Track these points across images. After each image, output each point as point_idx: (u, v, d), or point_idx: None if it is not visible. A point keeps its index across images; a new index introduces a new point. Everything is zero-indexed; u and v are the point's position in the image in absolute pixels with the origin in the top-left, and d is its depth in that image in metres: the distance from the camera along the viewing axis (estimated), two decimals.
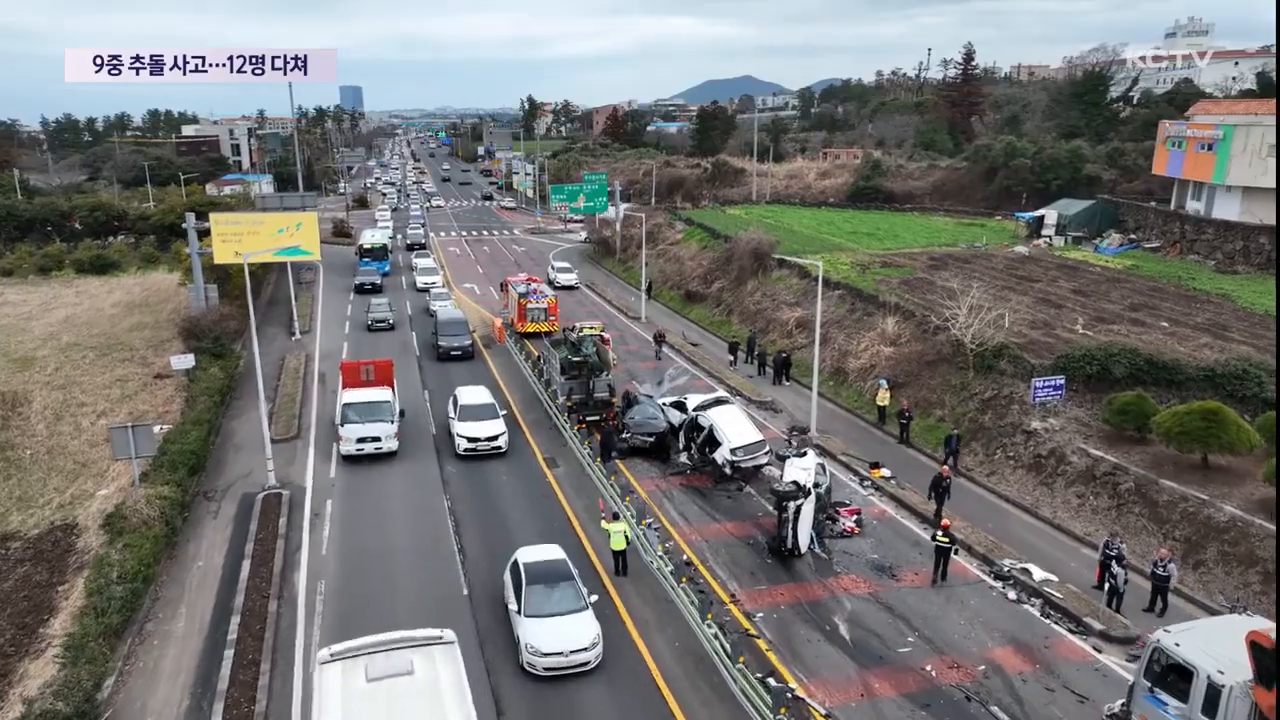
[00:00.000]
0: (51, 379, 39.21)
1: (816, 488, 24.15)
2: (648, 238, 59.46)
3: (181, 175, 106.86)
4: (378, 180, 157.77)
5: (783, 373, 40.06)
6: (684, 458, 30.40)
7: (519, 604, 19.48)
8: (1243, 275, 46.57)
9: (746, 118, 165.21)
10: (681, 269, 60.69)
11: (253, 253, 38.22)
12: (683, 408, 31.19)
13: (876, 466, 29.73)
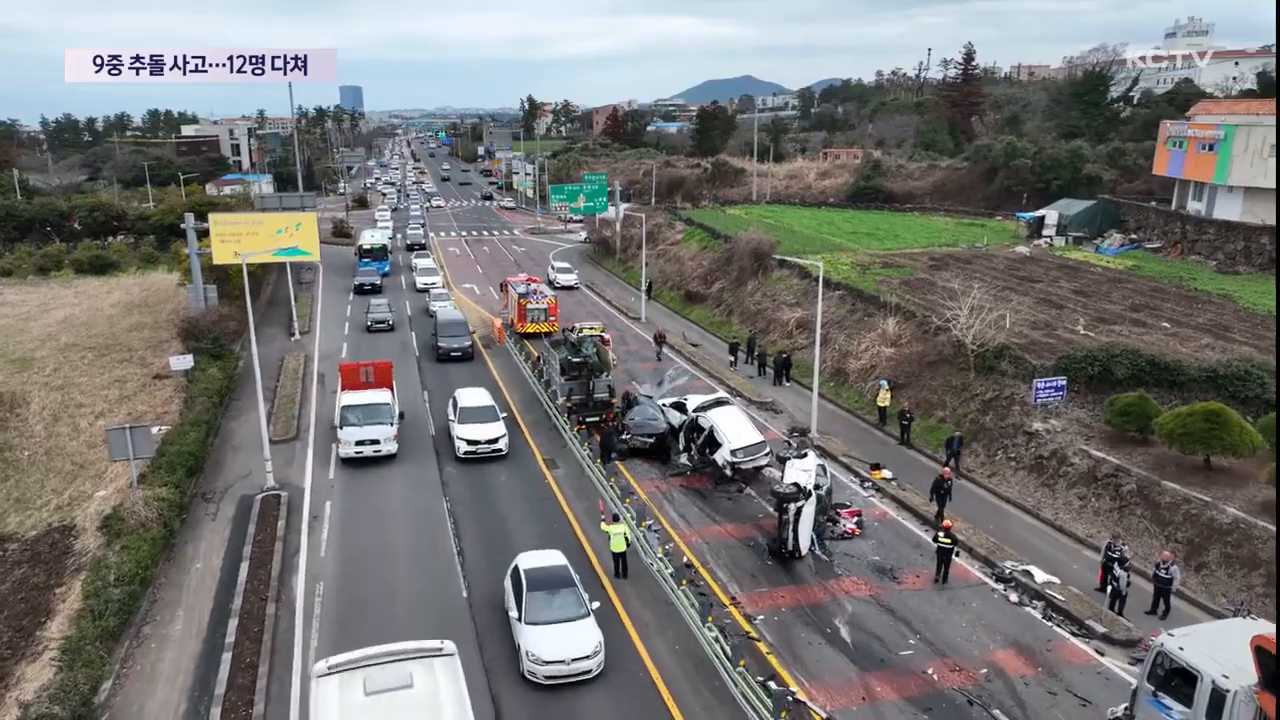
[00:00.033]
0: (50, 380, 39.11)
1: (817, 489, 24.03)
2: (648, 238, 59.36)
3: (181, 175, 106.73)
4: (377, 180, 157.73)
5: (783, 373, 39.95)
6: (684, 459, 30.28)
7: (519, 611, 19.18)
8: (1244, 276, 46.45)
9: (746, 118, 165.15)
10: (682, 269, 60.58)
11: (251, 253, 38.15)
12: (683, 409, 31.06)
13: (877, 468, 29.63)
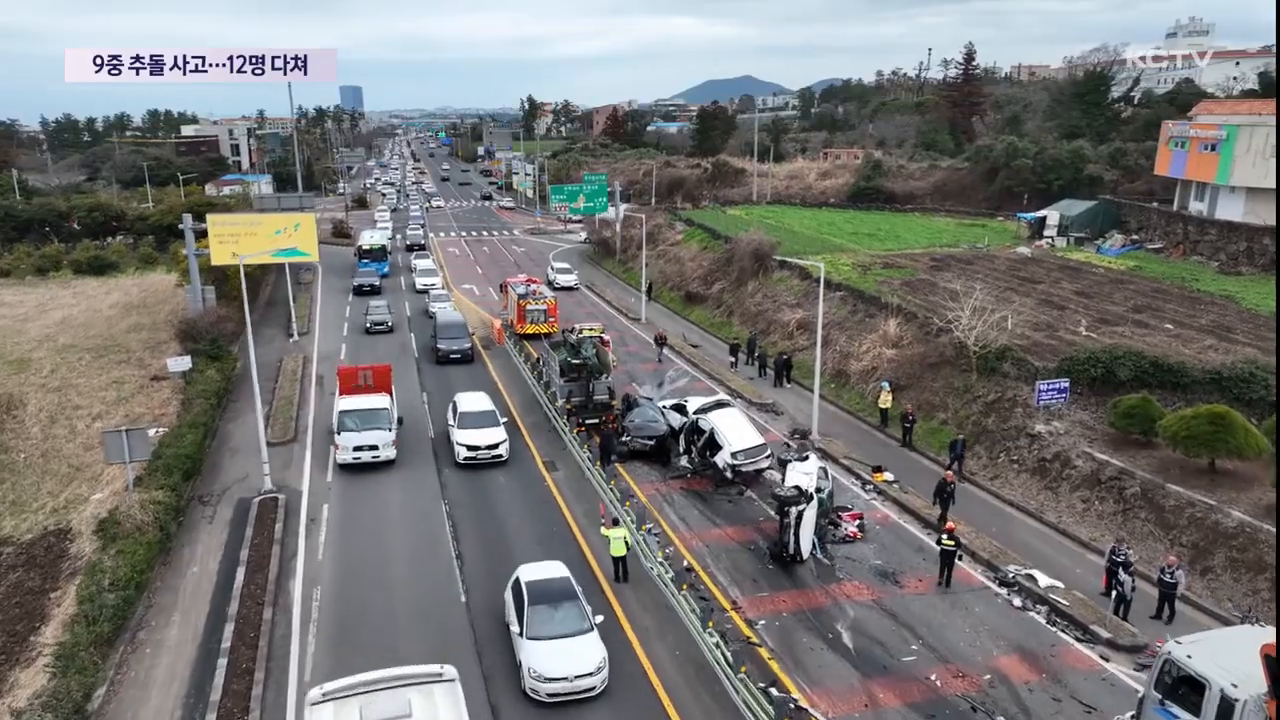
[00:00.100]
0: (47, 381, 38.96)
1: (819, 492, 23.83)
2: (648, 238, 59.15)
3: (180, 175, 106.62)
4: (377, 180, 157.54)
5: (784, 375, 39.75)
6: (684, 461, 30.09)
7: (521, 625, 18.51)
8: (1246, 277, 46.24)
9: (747, 118, 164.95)
10: (682, 270, 60.37)
11: (249, 254, 37.96)
12: (683, 410, 30.86)
13: (879, 470, 29.43)
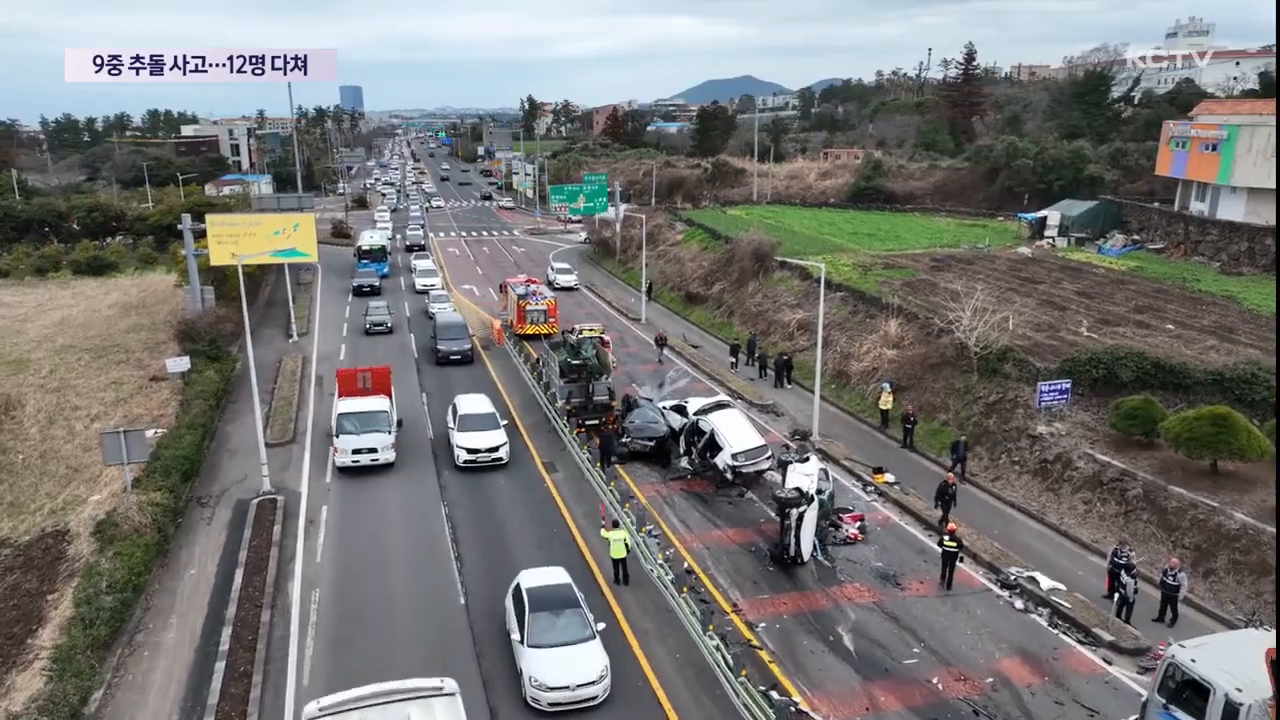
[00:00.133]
0: (45, 382, 38.86)
1: (820, 494, 23.72)
2: (648, 239, 59.05)
3: (180, 175, 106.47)
4: (377, 181, 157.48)
5: (784, 376, 39.64)
6: (685, 463, 29.97)
7: (522, 633, 18.21)
8: (1248, 277, 46.13)
9: (747, 118, 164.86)
10: (682, 270, 60.27)
11: (248, 254, 37.84)
12: (683, 411, 30.76)
13: (880, 471, 29.32)
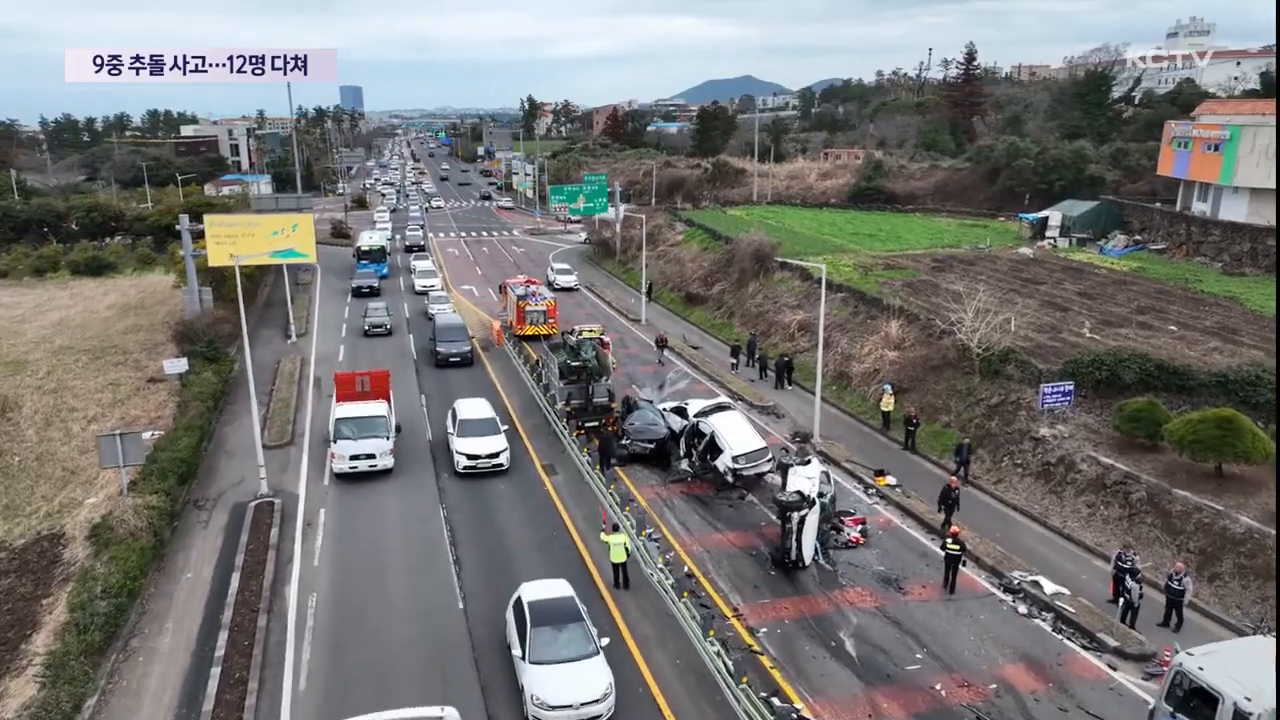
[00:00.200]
0: (43, 383, 38.65)
1: (821, 497, 23.53)
2: (648, 239, 58.86)
3: (179, 176, 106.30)
4: (377, 181, 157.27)
5: (785, 377, 39.45)
6: (685, 465, 29.77)
7: (523, 648, 17.69)
8: (1250, 277, 45.94)
9: (747, 118, 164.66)
10: (682, 271, 60.08)
11: (247, 255, 37.64)
12: (683, 413, 30.54)
13: (881, 474, 29.12)
